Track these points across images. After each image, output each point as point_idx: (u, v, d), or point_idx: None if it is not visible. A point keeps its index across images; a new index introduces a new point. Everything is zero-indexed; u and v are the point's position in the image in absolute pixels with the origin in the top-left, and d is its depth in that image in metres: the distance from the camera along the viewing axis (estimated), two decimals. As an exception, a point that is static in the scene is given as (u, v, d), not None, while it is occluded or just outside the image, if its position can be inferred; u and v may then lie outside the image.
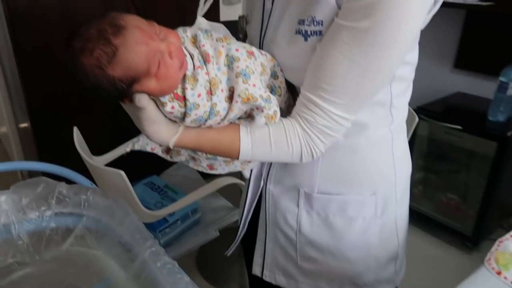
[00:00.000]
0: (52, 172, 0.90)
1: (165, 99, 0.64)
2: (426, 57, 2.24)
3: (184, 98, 0.64)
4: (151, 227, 1.51)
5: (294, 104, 0.71)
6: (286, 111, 0.74)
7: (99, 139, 1.68)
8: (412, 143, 2.07)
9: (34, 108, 1.84)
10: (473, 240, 1.99)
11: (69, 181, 0.82)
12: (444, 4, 0.64)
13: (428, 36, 1.86)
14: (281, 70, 0.72)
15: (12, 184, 0.73)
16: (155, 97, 0.65)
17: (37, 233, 0.73)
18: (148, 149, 0.78)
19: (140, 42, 0.59)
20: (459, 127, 1.89)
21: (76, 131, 1.42)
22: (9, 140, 2.56)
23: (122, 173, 1.18)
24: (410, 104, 0.80)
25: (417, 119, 1.48)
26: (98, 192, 0.75)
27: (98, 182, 1.36)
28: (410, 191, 0.88)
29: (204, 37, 0.68)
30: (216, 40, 0.68)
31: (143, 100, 0.63)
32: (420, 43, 0.70)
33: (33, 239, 0.73)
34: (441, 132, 2.03)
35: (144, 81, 0.61)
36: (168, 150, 0.80)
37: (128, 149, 0.76)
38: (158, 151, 0.79)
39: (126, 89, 0.61)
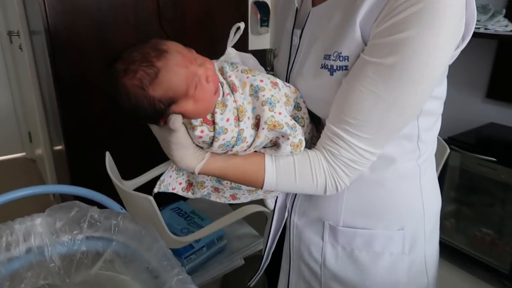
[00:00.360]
0: (85, 196, 0.93)
1: (196, 122, 0.66)
2: (458, 87, 2.21)
3: (213, 123, 0.65)
4: (177, 253, 1.52)
5: (318, 135, 0.71)
6: (309, 141, 0.74)
7: (130, 163, 1.72)
8: (443, 174, 2.01)
9: (69, 132, 1.91)
10: (511, 278, 1.88)
11: (100, 205, 0.84)
12: (475, 35, 0.64)
13: (459, 66, 1.84)
14: (304, 102, 0.72)
15: (44, 203, 0.75)
16: (186, 123, 0.67)
17: (69, 256, 0.74)
18: (170, 189, 0.79)
19: (180, 65, 0.62)
20: (493, 159, 1.82)
21: (108, 156, 1.46)
22: (44, 162, 2.66)
23: (151, 198, 1.20)
24: (440, 134, 0.79)
25: (448, 150, 1.45)
26: (128, 217, 0.76)
27: (127, 206, 1.38)
28: (441, 224, 0.85)
29: (230, 69, 0.71)
30: (241, 72, 0.70)
31: (177, 122, 0.64)
32: (451, 73, 0.70)
33: (64, 262, 0.74)
34: (473, 163, 1.96)
35: (182, 102, 0.63)
36: (188, 186, 0.80)
37: (155, 190, 0.77)
38: (179, 190, 0.80)
39: (163, 109, 0.63)
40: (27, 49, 2.37)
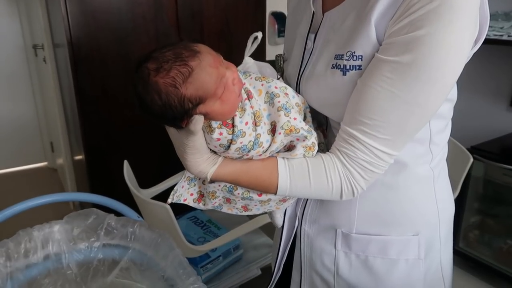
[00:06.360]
0: (103, 204, 0.94)
1: (215, 124, 0.67)
2: (481, 96, 2.15)
3: (232, 125, 0.66)
4: (193, 262, 1.51)
5: (325, 141, 0.71)
6: (318, 148, 0.74)
7: (147, 173, 1.74)
8: (466, 184, 1.95)
9: (89, 142, 1.95)
10: (539, 294, 1.81)
11: (118, 213, 0.84)
12: (499, 42, 0.62)
13: (483, 75, 1.80)
14: (310, 111, 0.73)
15: (63, 212, 0.76)
16: (204, 126, 0.67)
17: (85, 264, 0.75)
18: (182, 200, 0.78)
19: (212, 66, 0.64)
20: (518, 168, 1.76)
21: (126, 164, 1.48)
22: (65, 171, 2.71)
23: (168, 206, 1.21)
24: (463, 143, 0.77)
25: (471, 159, 1.41)
26: (145, 225, 0.76)
27: (144, 215, 1.39)
28: (464, 236, 0.83)
29: (243, 77, 0.71)
30: (255, 79, 0.71)
31: (199, 123, 0.65)
32: (475, 82, 0.68)
33: (81, 269, 0.75)
34: (498, 173, 1.90)
35: (210, 102, 0.64)
36: (200, 198, 0.80)
37: (169, 201, 0.77)
38: (190, 202, 0.79)
39: (190, 109, 0.64)
40: (50, 62, 2.44)
